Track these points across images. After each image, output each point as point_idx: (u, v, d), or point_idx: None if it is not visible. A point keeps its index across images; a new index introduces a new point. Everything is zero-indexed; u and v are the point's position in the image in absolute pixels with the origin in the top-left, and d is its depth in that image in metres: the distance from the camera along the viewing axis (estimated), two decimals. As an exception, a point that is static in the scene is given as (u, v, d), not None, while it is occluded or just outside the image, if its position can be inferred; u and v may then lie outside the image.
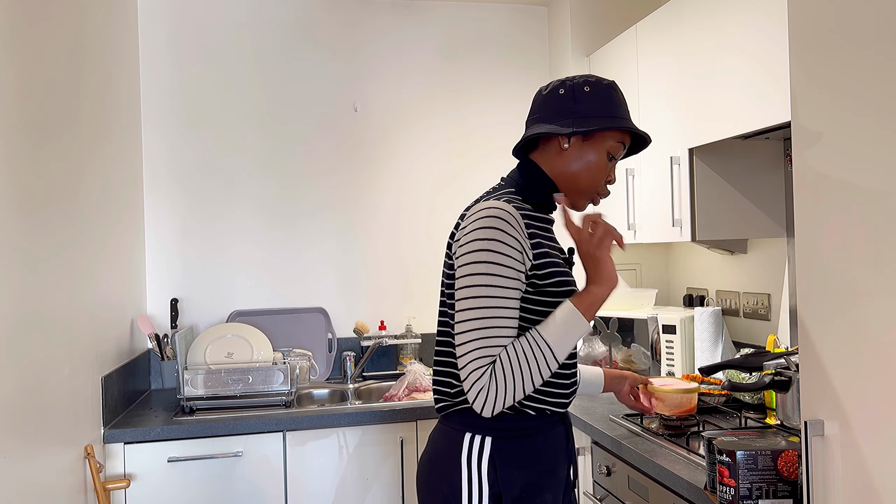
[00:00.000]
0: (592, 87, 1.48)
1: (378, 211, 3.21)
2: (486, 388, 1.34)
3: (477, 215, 1.41)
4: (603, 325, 2.76)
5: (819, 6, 1.18)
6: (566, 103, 1.48)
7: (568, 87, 1.49)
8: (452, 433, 1.47)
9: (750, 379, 2.24)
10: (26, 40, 1.75)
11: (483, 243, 1.38)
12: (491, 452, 1.43)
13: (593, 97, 1.47)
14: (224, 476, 2.39)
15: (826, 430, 1.19)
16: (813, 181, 1.20)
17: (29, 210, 1.74)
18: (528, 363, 1.36)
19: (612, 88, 1.50)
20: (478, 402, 1.35)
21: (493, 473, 1.43)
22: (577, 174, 1.50)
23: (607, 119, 1.46)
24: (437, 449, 1.50)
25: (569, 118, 1.46)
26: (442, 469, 1.47)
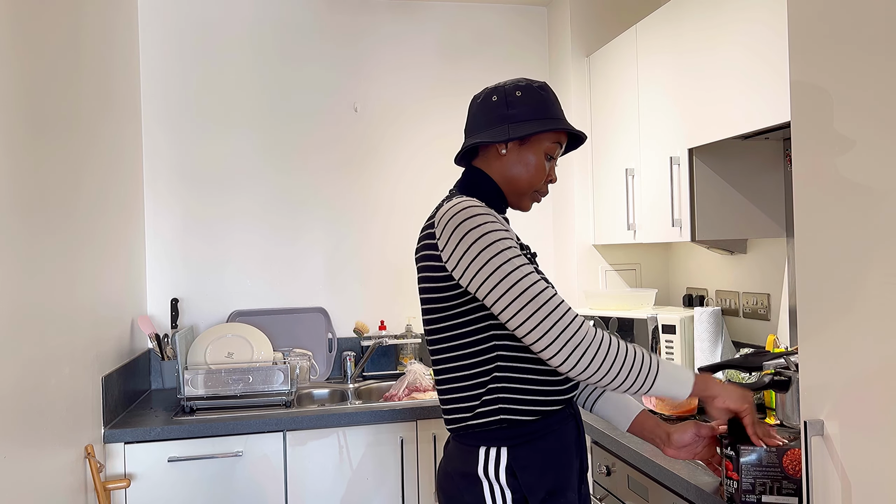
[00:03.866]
0: (524, 91, 1.51)
1: (378, 211, 3.21)
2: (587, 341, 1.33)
3: (450, 212, 1.41)
4: (603, 325, 2.76)
5: (819, 7, 1.18)
6: (500, 109, 1.51)
7: (500, 93, 1.52)
8: (467, 450, 1.46)
9: (750, 379, 2.25)
10: (26, 40, 1.75)
11: (475, 229, 1.37)
12: (508, 462, 1.42)
13: (525, 101, 1.50)
14: (224, 476, 2.39)
15: (826, 430, 1.19)
16: (813, 181, 1.21)
17: (29, 210, 1.74)
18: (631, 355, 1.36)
19: (542, 90, 1.52)
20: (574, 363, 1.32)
21: (514, 481, 1.42)
22: (518, 177, 1.53)
23: (541, 122, 1.49)
24: (455, 465, 1.49)
25: (503, 124, 1.50)
26: (463, 485, 1.45)
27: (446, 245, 1.40)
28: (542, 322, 1.33)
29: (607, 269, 3.16)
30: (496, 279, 1.35)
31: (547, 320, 1.33)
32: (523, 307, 1.33)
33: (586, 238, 3.13)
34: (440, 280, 1.43)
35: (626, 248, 3.15)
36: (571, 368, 1.33)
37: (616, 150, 2.85)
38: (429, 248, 1.44)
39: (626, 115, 2.74)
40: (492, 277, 1.35)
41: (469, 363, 1.44)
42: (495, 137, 1.49)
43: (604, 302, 2.83)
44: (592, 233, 3.12)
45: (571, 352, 1.32)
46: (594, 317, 2.78)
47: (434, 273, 1.43)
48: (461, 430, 1.47)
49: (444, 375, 1.49)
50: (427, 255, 1.45)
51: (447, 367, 1.47)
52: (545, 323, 1.33)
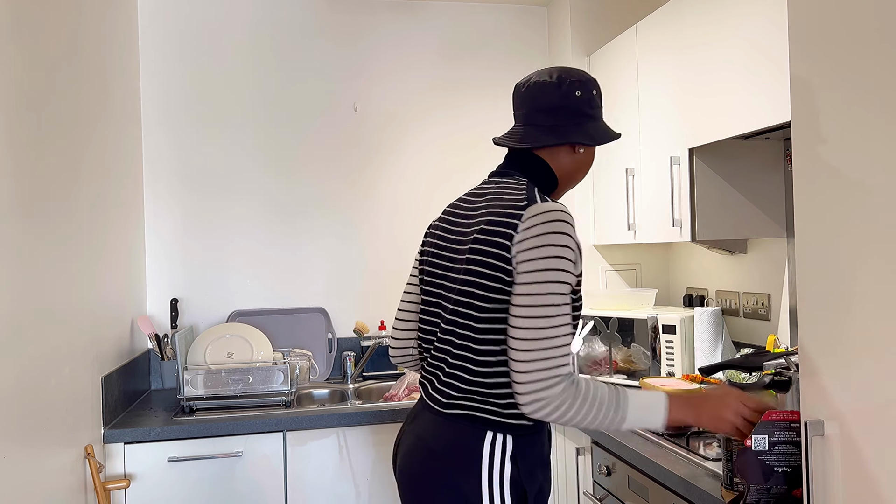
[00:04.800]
0: (599, 92, 1.54)
1: (378, 210, 3.21)
2: (552, 398, 1.33)
3: (544, 218, 1.38)
4: (603, 325, 2.76)
5: (819, 7, 1.18)
6: (586, 108, 1.50)
7: (584, 89, 1.50)
8: (471, 431, 1.44)
9: (750, 379, 2.24)
10: (26, 40, 1.75)
11: (556, 249, 1.37)
12: (513, 451, 1.43)
13: (601, 103, 1.55)
14: (224, 476, 2.39)
15: (826, 430, 1.19)
16: (813, 181, 1.20)
17: (29, 210, 1.74)
18: (598, 407, 1.36)
19: (598, 87, 1.56)
20: (534, 405, 1.34)
21: (516, 470, 1.43)
22: (577, 176, 1.57)
23: (605, 128, 1.54)
24: (450, 446, 1.46)
25: (587, 124, 1.51)
26: (457, 466, 1.44)
27: (525, 243, 1.38)
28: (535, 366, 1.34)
29: (607, 269, 3.15)
30: (534, 309, 1.35)
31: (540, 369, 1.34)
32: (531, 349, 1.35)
33: (586, 238, 3.13)
34: (501, 272, 1.40)
35: (627, 248, 3.15)
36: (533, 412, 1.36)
37: (616, 150, 2.85)
38: (504, 237, 1.41)
39: (627, 115, 2.74)
40: (533, 302, 1.36)
41: (497, 351, 1.43)
42: (585, 139, 1.50)
43: (604, 302, 2.82)
44: (592, 233, 3.12)
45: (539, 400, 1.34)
46: (594, 317, 2.78)
47: (497, 262, 1.41)
48: (464, 413, 1.45)
49: (462, 358, 1.46)
50: (497, 243, 1.41)
51: (473, 347, 1.44)
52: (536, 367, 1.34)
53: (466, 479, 1.42)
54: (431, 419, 1.51)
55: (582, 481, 2.32)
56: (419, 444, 1.51)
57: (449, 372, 1.48)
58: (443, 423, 1.48)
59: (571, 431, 2.43)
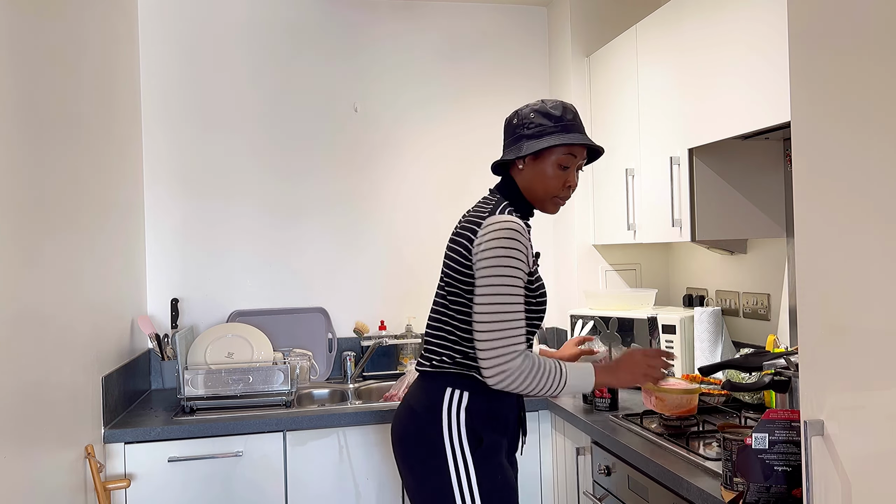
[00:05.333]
0: (536, 112, 1.80)
1: (378, 211, 3.22)
2: (513, 370, 1.66)
3: (496, 227, 1.71)
4: (603, 325, 2.76)
5: (819, 7, 1.18)
6: (516, 129, 1.82)
7: (519, 115, 1.82)
8: (434, 388, 1.79)
9: (749, 379, 2.25)
10: (26, 39, 1.75)
11: (505, 251, 1.69)
12: (468, 405, 1.76)
13: (537, 120, 1.79)
14: (224, 476, 2.39)
15: (826, 430, 1.19)
16: (813, 181, 1.21)
17: (29, 210, 1.74)
18: (547, 377, 1.70)
19: (557, 108, 1.79)
20: (498, 378, 1.67)
21: (470, 419, 1.76)
22: (535, 187, 1.83)
23: (547, 138, 1.77)
24: (419, 400, 1.81)
25: (520, 142, 1.80)
26: (426, 417, 1.77)
27: (480, 248, 1.71)
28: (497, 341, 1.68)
29: (607, 269, 3.16)
30: (491, 297, 1.69)
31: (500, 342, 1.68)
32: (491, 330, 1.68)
33: (586, 238, 3.13)
34: (464, 267, 1.75)
35: (626, 248, 3.15)
36: (497, 383, 1.68)
37: (616, 150, 2.85)
38: (466, 239, 1.75)
39: (626, 115, 2.74)
40: (489, 292, 1.69)
41: (463, 328, 1.78)
42: (509, 156, 1.81)
43: (604, 302, 2.83)
44: (592, 233, 3.12)
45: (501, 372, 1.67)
46: (594, 317, 2.78)
47: (462, 259, 1.76)
48: (436, 373, 1.80)
49: (441, 330, 1.82)
50: (462, 244, 1.76)
51: (446, 326, 1.81)
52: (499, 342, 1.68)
53: (432, 426, 1.76)
54: (414, 385, 1.88)
55: (582, 481, 2.32)
56: (403, 405, 1.88)
57: (429, 340, 1.85)
58: (419, 384, 1.86)
59: (571, 431, 2.43)
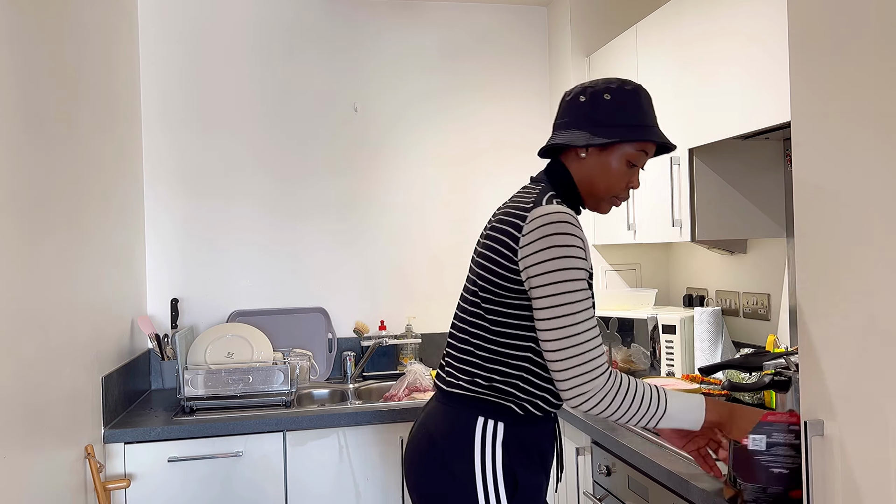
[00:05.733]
0: (613, 95, 1.50)
1: (378, 210, 3.21)
2: (596, 390, 1.38)
3: (547, 220, 1.42)
4: (603, 325, 2.76)
5: (819, 7, 1.18)
6: (585, 110, 1.51)
7: (589, 93, 1.52)
8: (463, 416, 1.51)
9: (750, 379, 2.25)
10: (26, 40, 1.75)
11: (562, 250, 1.40)
12: (504, 438, 1.49)
13: (612, 105, 1.50)
14: (224, 476, 2.39)
15: (826, 430, 1.19)
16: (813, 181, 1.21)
17: (29, 210, 1.74)
18: (641, 401, 1.42)
19: (635, 94, 1.51)
20: (580, 399, 1.39)
21: (507, 457, 1.49)
22: (595, 182, 1.55)
23: (625, 129, 1.49)
24: (442, 431, 1.53)
25: (587, 127, 1.50)
26: (451, 453, 1.50)
27: (529, 247, 1.42)
28: (573, 362, 1.39)
29: (607, 269, 3.16)
30: (558, 308, 1.40)
31: (578, 364, 1.39)
32: (565, 346, 1.39)
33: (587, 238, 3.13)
34: (506, 270, 1.47)
35: (626, 248, 3.15)
36: (578, 405, 1.40)
37: (616, 150, 2.85)
38: (509, 237, 1.47)
39: (626, 115, 2.74)
40: (555, 302, 1.40)
41: (503, 343, 1.50)
42: (575, 141, 1.50)
43: (604, 302, 2.83)
44: (592, 233, 3.12)
45: (583, 394, 1.39)
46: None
47: (502, 260, 1.47)
48: (465, 397, 1.52)
49: (472, 345, 1.54)
50: (503, 241, 1.48)
51: (480, 341, 1.52)
52: (575, 363, 1.39)
53: (459, 463, 1.49)
54: (434, 406, 1.60)
55: (582, 481, 2.32)
56: (421, 430, 1.59)
57: (456, 356, 1.57)
58: (442, 409, 1.56)
59: (571, 431, 2.43)
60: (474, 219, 3.30)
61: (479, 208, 3.31)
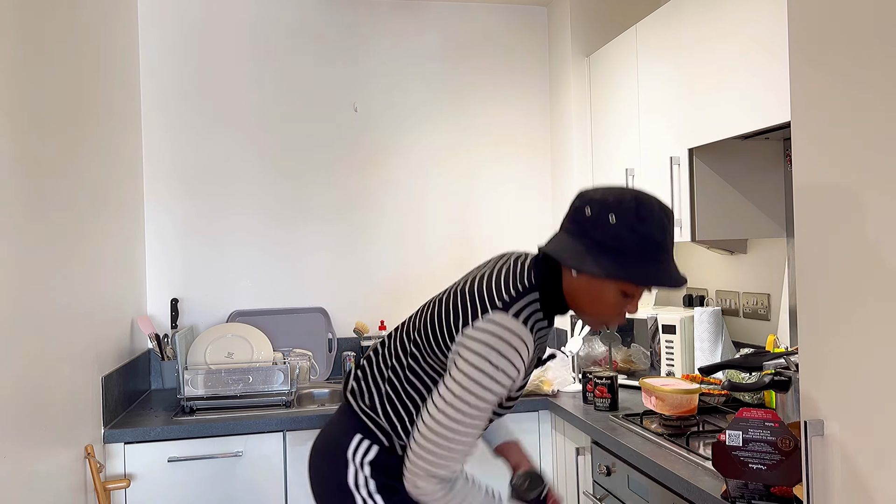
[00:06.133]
0: (619, 218, 1.33)
1: (378, 210, 3.22)
2: (427, 492, 1.42)
3: (498, 330, 1.38)
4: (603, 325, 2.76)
5: (819, 6, 1.18)
6: (587, 227, 1.36)
7: (596, 208, 1.36)
8: (346, 428, 1.58)
9: (750, 379, 2.25)
10: (26, 40, 1.75)
11: (493, 366, 1.38)
12: (373, 459, 1.54)
13: (617, 230, 1.34)
14: (224, 476, 2.39)
15: (826, 430, 1.19)
16: (813, 181, 1.21)
17: (29, 210, 1.74)
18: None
19: (646, 220, 1.34)
20: (411, 487, 1.44)
21: (377, 475, 1.55)
22: (582, 305, 1.44)
23: (621, 263, 1.33)
24: (329, 437, 1.61)
25: (585, 246, 1.36)
26: (330, 458, 1.58)
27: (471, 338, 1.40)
28: (436, 453, 1.41)
29: (607, 269, 3.15)
30: (452, 401, 1.40)
31: (439, 456, 1.41)
32: (436, 433, 1.41)
33: (586, 238, 3.12)
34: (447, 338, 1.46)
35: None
36: (407, 486, 1.46)
37: (616, 150, 2.85)
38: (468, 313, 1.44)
39: (626, 115, 2.74)
40: (452, 395, 1.40)
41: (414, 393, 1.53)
42: (565, 259, 1.36)
43: (604, 302, 2.82)
44: (592, 233, 3.11)
45: (414, 484, 1.44)
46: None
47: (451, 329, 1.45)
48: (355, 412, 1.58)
49: (390, 371, 1.57)
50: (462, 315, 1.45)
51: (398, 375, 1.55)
52: (437, 456, 1.41)
53: (336, 470, 1.56)
54: (337, 412, 1.66)
55: (582, 481, 2.32)
56: (319, 436, 1.67)
57: (371, 372, 1.61)
58: (337, 417, 1.63)
59: (571, 431, 2.43)
60: (474, 218, 3.30)
61: (479, 208, 3.31)
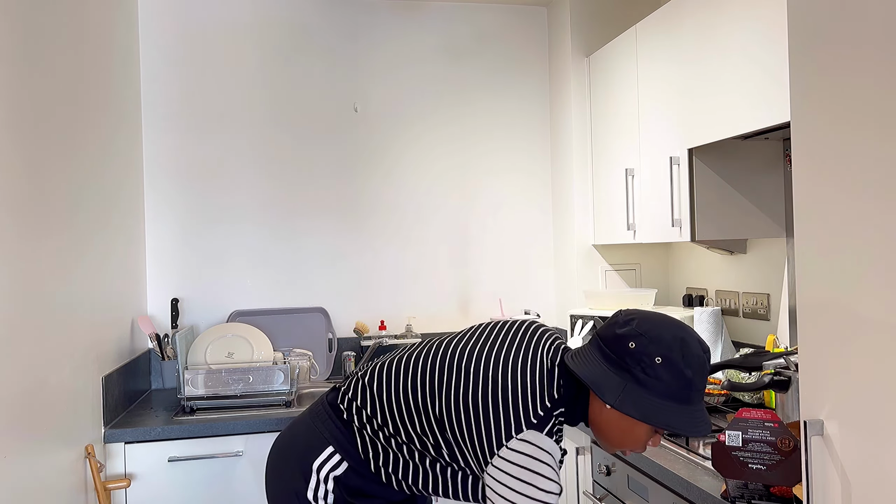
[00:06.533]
0: (664, 361, 1.30)
1: (378, 210, 3.22)
2: None
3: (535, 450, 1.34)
4: (603, 325, 2.76)
5: (818, 6, 1.18)
6: (627, 361, 1.32)
7: (641, 344, 1.32)
8: (318, 435, 1.55)
9: (749, 379, 2.25)
10: (27, 40, 1.75)
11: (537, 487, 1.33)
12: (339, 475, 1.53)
13: (659, 374, 1.31)
14: (224, 476, 2.39)
15: (826, 430, 1.19)
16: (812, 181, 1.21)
17: (29, 210, 1.74)
18: None
19: (689, 367, 1.31)
20: None
21: (339, 492, 1.53)
22: (609, 435, 1.41)
23: (658, 407, 1.30)
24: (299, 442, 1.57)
25: (626, 379, 1.32)
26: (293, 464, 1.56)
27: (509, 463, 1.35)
28: None
29: (607, 269, 3.16)
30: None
31: None
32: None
33: (586, 238, 3.13)
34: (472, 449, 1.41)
35: (626, 248, 3.15)
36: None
37: (616, 149, 2.85)
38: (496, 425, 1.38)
39: (626, 115, 2.74)
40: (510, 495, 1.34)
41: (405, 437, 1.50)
42: (605, 395, 1.31)
43: (604, 302, 2.83)
44: (592, 233, 3.12)
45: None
46: (594, 317, 2.78)
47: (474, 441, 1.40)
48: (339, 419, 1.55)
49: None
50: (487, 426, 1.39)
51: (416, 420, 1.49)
52: None
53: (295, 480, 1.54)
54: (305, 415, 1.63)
55: (582, 481, 2.33)
56: (285, 433, 1.64)
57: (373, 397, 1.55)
58: (308, 424, 1.59)
59: (571, 431, 2.43)
60: (474, 218, 3.30)
61: (479, 208, 3.31)
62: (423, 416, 1.47)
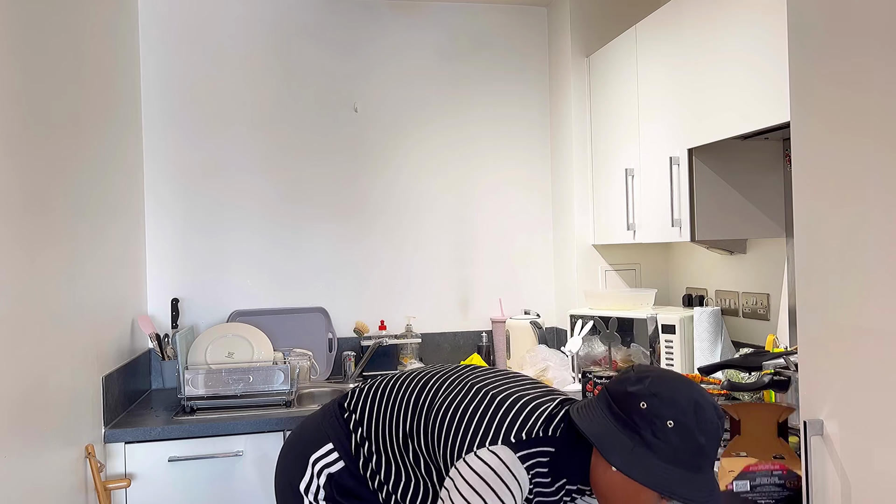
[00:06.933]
0: (677, 425, 1.22)
1: (378, 210, 3.22)
2: None
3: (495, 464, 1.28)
4: (602, 325, 2.76)
5: (818, 7, 1.19)
6: (636, 420, 1.24)
7: (653, 406, 1.24)
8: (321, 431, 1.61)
9: (749, 379, 2.25)
10: (27, 39, 1.75)
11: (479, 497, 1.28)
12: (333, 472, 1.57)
13: (671, 439, 1.22)
14: (224, 476, 2.39)
15: (826, 430, 1.19)
16: (812, 181, 1.21)
17: (29, 210, 1.74)
18: None
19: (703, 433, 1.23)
20: None
21: (331, 490, 1.57)
22: (612, 497, 1.30)
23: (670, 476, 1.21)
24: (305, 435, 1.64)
25: (635, 441, 1.24)
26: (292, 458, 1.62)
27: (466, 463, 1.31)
28: None
29: (607, 269, 3.16)
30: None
31: None
32: None
33: (586, 238, 3.13)
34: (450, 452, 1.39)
35: (626, 248, 3.15)
36: None
37: (616, 150, 2.85)
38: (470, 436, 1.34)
39: (626, 116, 2.74)
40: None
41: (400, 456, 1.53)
42: (612, 456, 1.23)
43: (604, 302, 2.83)
44: (592, 233, 3.12)
45: None
46: (594, 317, 2.78)
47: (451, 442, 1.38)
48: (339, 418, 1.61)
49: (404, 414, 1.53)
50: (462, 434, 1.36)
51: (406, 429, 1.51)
52: None
53: (293, 470, 1.60)
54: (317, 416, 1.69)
55: (582, 481, 2.32)
56: (301, 424, 1.71)
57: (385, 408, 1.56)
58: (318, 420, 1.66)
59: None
60: (473, 218, 3.30)
61: (479, 208, 3.31)
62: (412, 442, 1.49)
